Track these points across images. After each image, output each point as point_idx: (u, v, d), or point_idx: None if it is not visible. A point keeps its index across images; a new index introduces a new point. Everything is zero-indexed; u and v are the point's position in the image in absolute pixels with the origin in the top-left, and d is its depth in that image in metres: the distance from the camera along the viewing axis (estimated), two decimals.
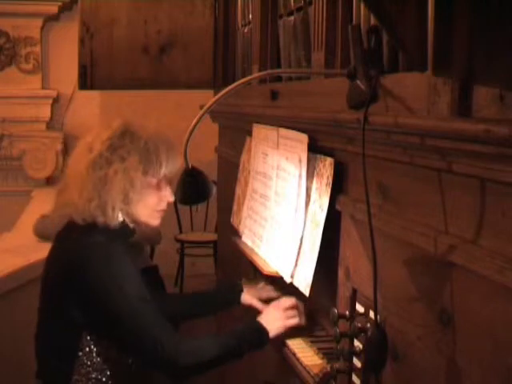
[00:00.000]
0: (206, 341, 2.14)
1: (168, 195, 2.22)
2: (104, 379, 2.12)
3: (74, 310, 2.06)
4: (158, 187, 2.18)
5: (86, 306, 2.06)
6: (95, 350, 2.09)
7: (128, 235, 2.21)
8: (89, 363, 2.10)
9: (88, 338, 2.09)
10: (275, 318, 2.22)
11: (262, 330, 2.16)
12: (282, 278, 2.29)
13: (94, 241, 2.09)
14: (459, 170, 1.34)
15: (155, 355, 2.06)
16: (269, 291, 2.50)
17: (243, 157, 3.03)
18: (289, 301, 2.29)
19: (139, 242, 4.35)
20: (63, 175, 2.28)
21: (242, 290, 2.49)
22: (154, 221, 2.22)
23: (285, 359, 2.17)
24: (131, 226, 2.19)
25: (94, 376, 2.10)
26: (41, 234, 3.90)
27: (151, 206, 2.18)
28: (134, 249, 4.31)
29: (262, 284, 2.56)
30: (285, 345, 2.18)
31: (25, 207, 5.44)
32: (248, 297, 2.46)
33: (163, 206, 2.22)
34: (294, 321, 2.22)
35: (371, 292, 1.62)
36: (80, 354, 2.09)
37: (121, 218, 2.12)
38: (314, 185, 2.14)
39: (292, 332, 2.21)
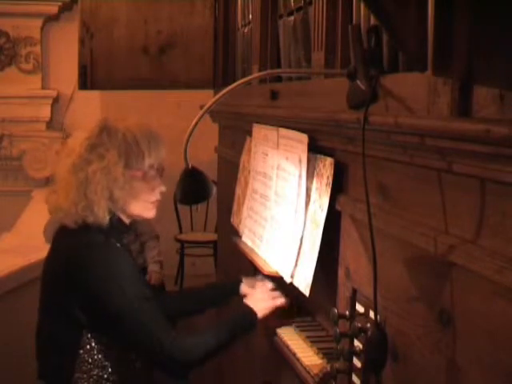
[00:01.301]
0: (201, 336, 2.16)
1: (159, 185, 2.21)
2: (106, 376, 2.12)
3: (74, 309, 2.07)
4: (146, 178, 2.17)
5: (85, 305, 2.07)
6: (96, 347, 2.10)
7: (123, 231, 2.21)
8: (90, 360, 2.10)
9: (89, 335, 2.09)
10: (261, 299, 2.27)
11: (251, 313, 2.21)
12: (281, 277, 2.29)
13: (91, 240, 2.10)
14: (459, 170, 1.34)
15: (154, 353, 2.07)
16: (267, 284, 2.51)
17: (243, 157, 3.03)
18: (270, 283, 2.35)
19: (140, 240, 4.37)
20: (53, 181, 2.29)
21: (240, 281, 2.50)
22: (148, 212, 2.22)
23: (285, 359, 2.17)
24: (127, 221, 2.20)
25: (95, 373, 2.11)
26: (47, 237, 3.92)
27: (142, 198, 2.18)
28: (134, 247, 4.34)
29: (260, 276, 2.56)
30: (285, 344, 2.18)
31: (25, 207, 5.45)
32: (247, 288, 2.47)
33: (156, 196, 2.21)
34: (280, 300, 2.27)
35: (371, 292, 1.62)
36: (81, 351, 2.10)
37: (108, 217, 2.12)
38: (314, 185, 2.14)
39: (280, 315, 2.26)
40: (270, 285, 2.37)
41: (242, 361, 2.67)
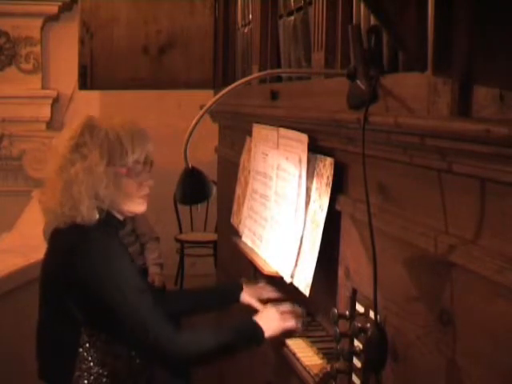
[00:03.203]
0: (203, 335, 2.15)
1: (146, 179, 2.21)
2: (106, 373, 2.13)
3: (72, 307, 2.08)
4: (132, 174, 2.16)
5: (83, 303, 2.08)
6: (95, 344, 2.10)
7: (118, 227, 2.21)
8: (89, 358, 2.11)
9: (88, 333, 2.10)
10: (272, 318, 2.23)
11: (258, 329, 2.17)
12: (281, 277, 2.29)
13: (85, 237, 2.10)
14: (459, 170, 1.34)
15: (151, 349, 2.08)
16: (269, 292, 2.50)
17: (243, 157, 3.03)
18: (288, 307, 2.30)
19: (140, 240, 4.37)
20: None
21: (242, 289, 2.49)
22: (139, 207, 2.22)
23: (285, 359, 2.17)
24: (121, 217, 2.20)
25: (95, 371, 2.11)
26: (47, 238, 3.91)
27: (131, 194, 2.17)
28: (134, 249, 4.33)
29: (262, 284, 2.56)
30: (285, 344, 2.18)
31: (25, 207, 5.44)
32: (247, 296, 2.46)
33: (145, 191, 2.21)
34: (291, 324, 2.22)
35: (371, 292, 1.62)
36: (80, 349, 2.10)
37: (97, 215, 2.12)
38: (314, 185, 2.14)
39: (288, 334, 2.22)
40: (285, 308, 2.30)
41: (243, 361, 2.67)
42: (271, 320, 2.21)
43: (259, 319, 2.21)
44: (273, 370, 2.44)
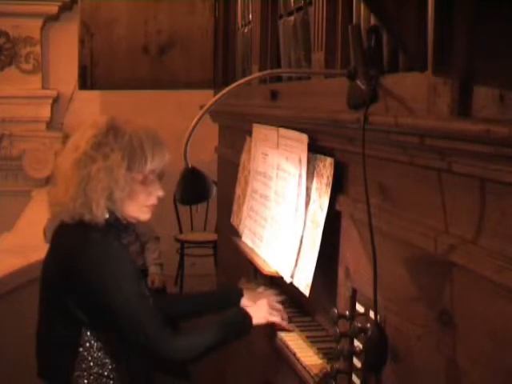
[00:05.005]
0: (196, 335, 2.18)
1: (157, 190, 2.22)
2: (106, 373, 2.13)
3: (72, 307, 2.08)
4: (145, 182, 2.18)
5: (83, 302, 2.08)
6: (95, 344, 2.11)
7: (121, 230, 2.22)
8: (90, 358, 2.11)
9: (88, 333, 2.10)
10: (260, 307, 2.28)
11: (248, 319, 2.22)
12: (281, 277, 2.29)
13: (89, 238, 2.10)
14: (459, 170, 1.34)
15: (149, 351, 2.10)
16: (269, 296, 2.51)
17: (243, 157, 3.03)
18: (278, 305, 2.35)
19: (140, 240, 4.37)
20: (53, 175, 2.28)
21: (242, 294, 2.50)
22: (144, 215, 2.22)
23: (284, 359, 2.17)
24: (124, 221, 2.20)
25: (95, 371, 2.12)
26: (47, 237, 3.92)
27: (139, 201, 2.18)
28: (134, 248, 4.33)
29: (261, 288, 2.56)
30: (285, 344, 2.18)
31: (25, 207, 5.45)
32: (248, 301, 2.47)
33: (153, 200, 2.22)
34: (277, 319, 2.27)
35: (371, 292, 1.62)
36: (80, 349, 2.10)
37: (107, 215, 2.12)
38: (314, 185, 2.14)
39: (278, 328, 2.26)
40: (274, 298, 2.38)
41: (243, 361, 2.68)
42: (259, 309, 2.27)
43: (249, 308, 2.27)
44: (272, 370, 2.44)
